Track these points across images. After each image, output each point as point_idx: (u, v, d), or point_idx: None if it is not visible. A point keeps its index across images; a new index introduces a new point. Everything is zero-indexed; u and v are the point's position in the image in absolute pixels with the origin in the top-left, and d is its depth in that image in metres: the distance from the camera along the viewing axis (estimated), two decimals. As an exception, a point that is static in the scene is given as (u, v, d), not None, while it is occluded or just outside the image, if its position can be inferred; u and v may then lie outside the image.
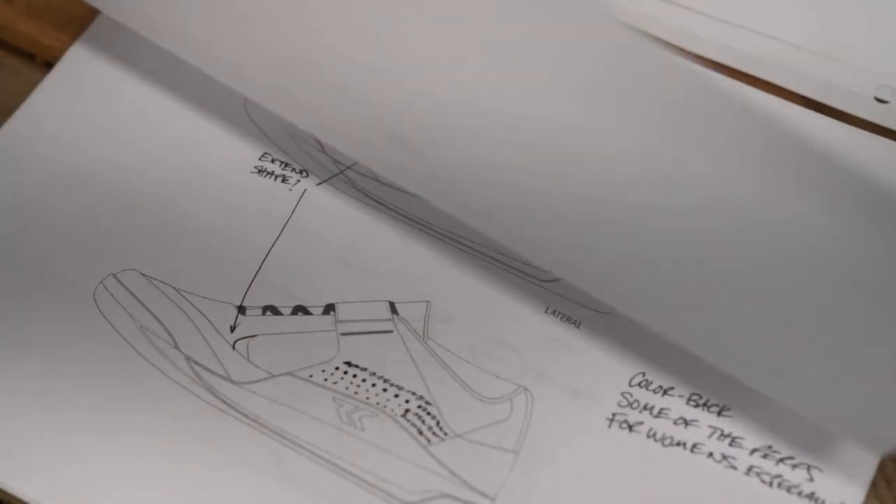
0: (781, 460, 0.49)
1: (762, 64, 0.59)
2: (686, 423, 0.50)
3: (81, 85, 0.60)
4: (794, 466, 0.49)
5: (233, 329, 0.53)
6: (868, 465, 0.49)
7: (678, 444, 0.50)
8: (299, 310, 0.54)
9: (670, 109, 0.42)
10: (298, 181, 0.57)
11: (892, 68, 0.58)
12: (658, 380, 0.52)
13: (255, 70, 0.51)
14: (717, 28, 0.60)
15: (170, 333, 0.53)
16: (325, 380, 0.52)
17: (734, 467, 0.50)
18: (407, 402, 0.51)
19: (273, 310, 0.54)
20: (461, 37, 0.42)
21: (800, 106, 0.58)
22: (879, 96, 0.58)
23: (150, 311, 0.53)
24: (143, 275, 0.54)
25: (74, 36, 0.61)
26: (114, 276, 0.54)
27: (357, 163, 0.57)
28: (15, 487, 0.50)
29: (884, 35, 0.60)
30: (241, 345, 0.53)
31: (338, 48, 0.46)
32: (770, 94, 0.58)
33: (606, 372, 0.52)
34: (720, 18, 0.60)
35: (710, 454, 0.50)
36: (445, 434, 0.50)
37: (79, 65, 0.60)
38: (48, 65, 0.61)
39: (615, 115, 0.41)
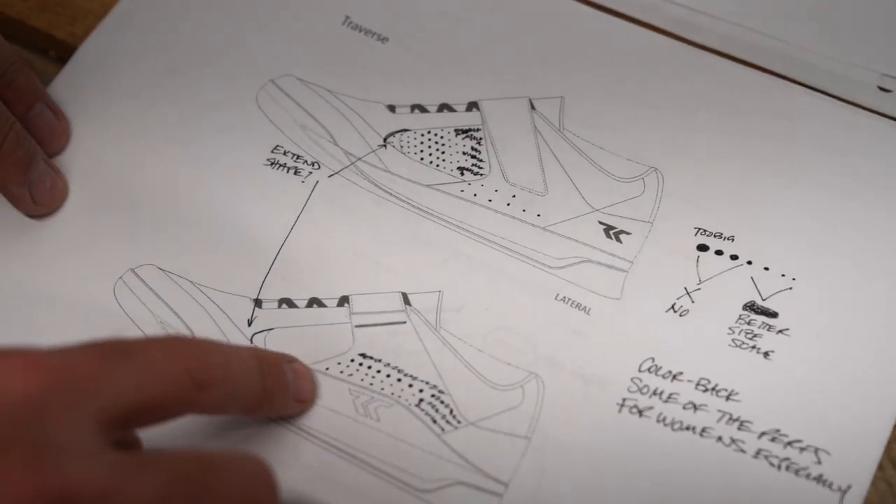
0: (789, 444, 0.50)
1: (766, 55, 0.59)
2: (695, 407, 0.51)
3: (94, 79, 0.60)
4: (801, 450, 0.50)
5: (250, 323, 0.54)
6: (875, 448, 0.50)
7: (687, 428, 0.51)
8: (314, 302, 0.54)
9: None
10: (311, 173, 0.57)
11: (893, 58, 0.59)
12: (667, 365, 0.52)
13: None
14: (722, 21, 0.60)
15: (188, 327, 0.54)
16: (341, 372, 0.52)
17: (743, 451, 0.50)
18: (421, 391, 0.52)
19: (289, 302, 0.54)
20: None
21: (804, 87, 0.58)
22: (882, 85, 0.58)
23: (168, 306, 0.54)
24: (161, 269, 0.55)
25: (87, 30, 0.62)
26: (132, 270, 0.55)
27: (368, 154, 0.58)
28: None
29: (885, 25, 0.60)
30: (258, 338, 0.53)
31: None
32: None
33: (616, 358, 0.52)
34: (727, 11, 0.61)
35: (719, 438, 0.50)
36: (459, 422, 0.51)
37: (92, 59, 0.61)
38: (62, 59, 0.62)
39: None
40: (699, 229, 0.55)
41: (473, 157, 0.57)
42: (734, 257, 0.54)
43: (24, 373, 0.39)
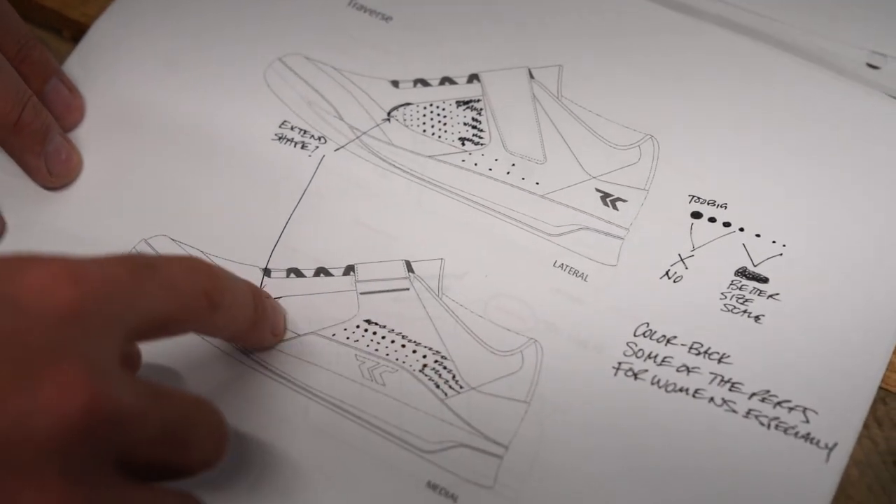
0: (779, 403, 0.51)
1: (756, 34, 0.60)
2: (688, 370, 0.52)
3: (107, 59, 0.62)
4: (790, 409, 0.51)
5: (259, 292, 0.55)
6: (860, 407, 0.51)
7: (681, 390, 0.52)
8: (321, 271, 0.56)
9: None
10: (317, 147, 0.59)
11: (882, 35, 0.59)
12: (661, 330, 0.53)
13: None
14: (712, 0, 0.61)
15: (200, 297, 0.55)
16: (347, 338, 0.54)
17: (734, 411, 0.51)
18: (424, 357, 0.53)
19: (296, 272, 0.56)
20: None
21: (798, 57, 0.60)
22: (871, 62, 0.59)
23: (180, 275, 0.56)
24: (173, 239, 0.57)
25: (100, 11, 0.63)
26: (145, 241, 0.57)
27: (373, 128, 0.59)
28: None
29: (874, 1, 0.61)
30: (267, 307, 0.55)
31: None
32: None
33: (612, 323, 0.54)
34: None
35: (711, 399, 0.52)
36: (461, 387, 0.53)
37: (104, 39, 0.62)
38: (75, 39, 0.63)
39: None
40: (693, 197, 0.56)
41: (474, 127, 0.59)
42: (727, 224, 0.56)
43: (67, 283, 0.40)
